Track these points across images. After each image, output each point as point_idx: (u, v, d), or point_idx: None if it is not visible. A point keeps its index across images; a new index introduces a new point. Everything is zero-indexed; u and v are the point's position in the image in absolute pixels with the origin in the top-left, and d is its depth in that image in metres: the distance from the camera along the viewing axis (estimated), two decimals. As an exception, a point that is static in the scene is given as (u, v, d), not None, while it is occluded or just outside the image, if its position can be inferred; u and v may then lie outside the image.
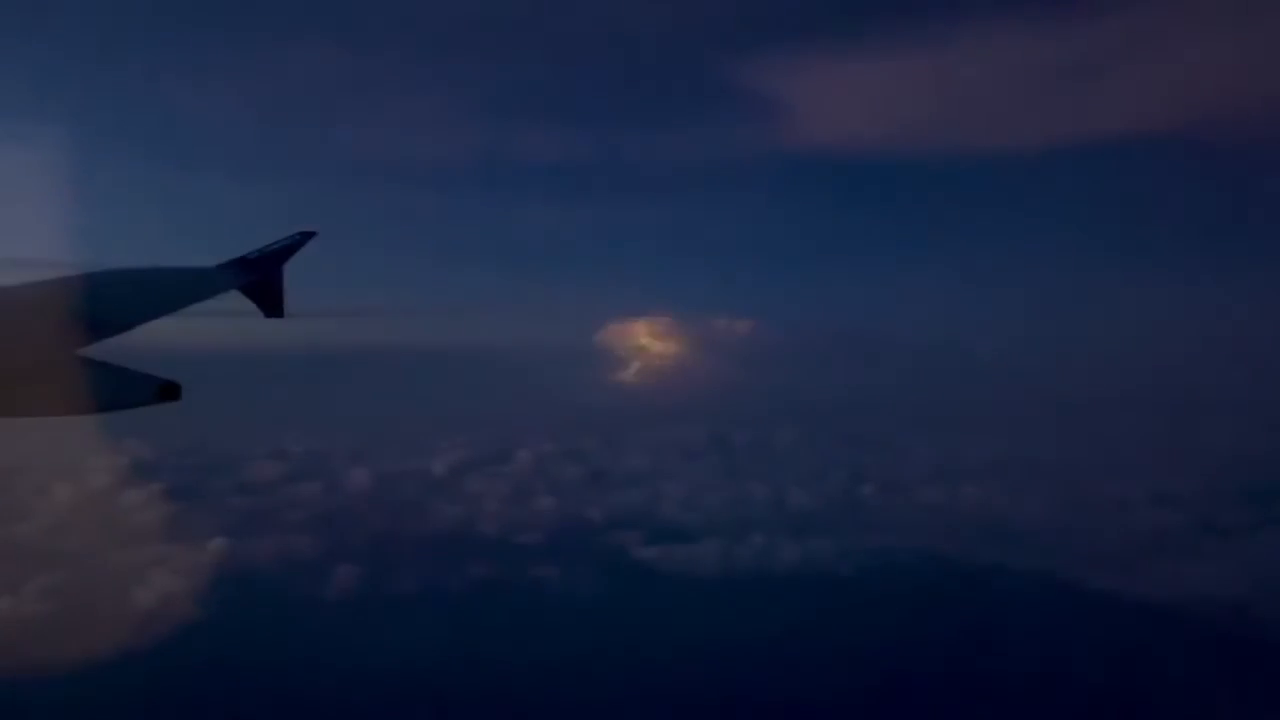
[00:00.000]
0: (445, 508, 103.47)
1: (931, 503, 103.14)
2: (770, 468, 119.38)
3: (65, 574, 78.03)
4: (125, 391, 5.77)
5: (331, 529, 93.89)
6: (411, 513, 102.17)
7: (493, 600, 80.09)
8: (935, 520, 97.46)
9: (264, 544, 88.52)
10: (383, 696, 64.24)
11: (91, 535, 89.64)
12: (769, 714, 64.59)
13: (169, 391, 5.72)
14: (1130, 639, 69.71)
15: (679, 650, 71.63)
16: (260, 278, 13.04)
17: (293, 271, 13.74)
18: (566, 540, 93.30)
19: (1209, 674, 63.88)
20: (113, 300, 9.25)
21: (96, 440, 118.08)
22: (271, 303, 13.26)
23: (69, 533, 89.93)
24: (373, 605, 78.03)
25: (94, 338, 7.20)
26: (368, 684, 65.47)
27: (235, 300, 12.18)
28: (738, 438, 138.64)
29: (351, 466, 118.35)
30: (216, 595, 76.73)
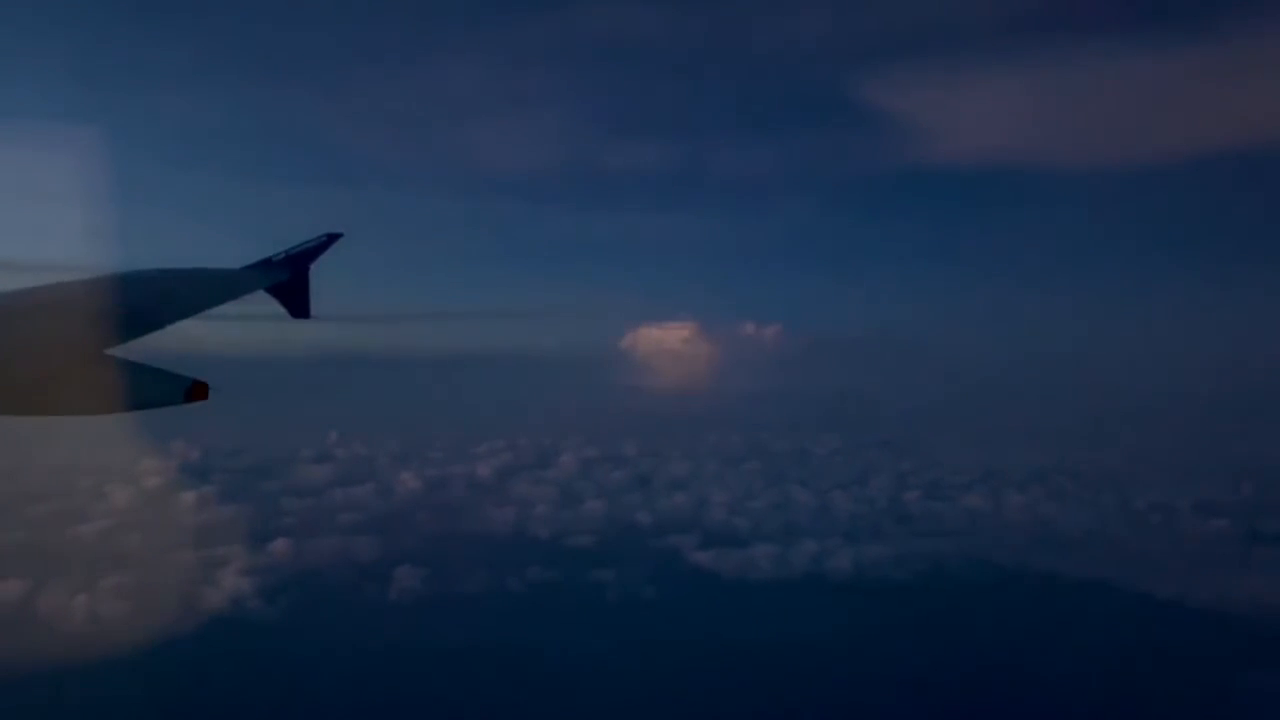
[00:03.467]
0: (496, 510, 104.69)
1: (977, 510, 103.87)
2: (811, 473, 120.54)
3: (135, 574, 79.49)
4: (155, 391, 5.82)
5: (388, 531, 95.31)
6: (463, 515, 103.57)
7: (554, 601, 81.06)
8: (983, 527, 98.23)
9: (324, 545, 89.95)
10: (456, 695, 65.46)
11: (153, 536, 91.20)
12: (832, 717, 65.50)
13: (198, 391, 5.76)
14: (1191, 646, 70.37)
15: (741, 652, 72.51)
16: (287, 279, 13.10)
17: (321, 273, 13.79)
18: (619, 543, 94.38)
19: (1273, 681, 64.59)
20: (141, 301, 9.27)
21: (142, 442, 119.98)
22: (298, 304, 13.34)
23: (131, 533, 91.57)
24: (437, 606, 79.13)
25: (123, 338, 7.27)
26: (440, 682, 66.67)
27: (262, 301, 12.31)
28: (775, 443, 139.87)
29: (398, 469, 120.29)
30: (285, 595, 78.12)
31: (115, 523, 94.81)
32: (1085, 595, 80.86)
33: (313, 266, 13.75)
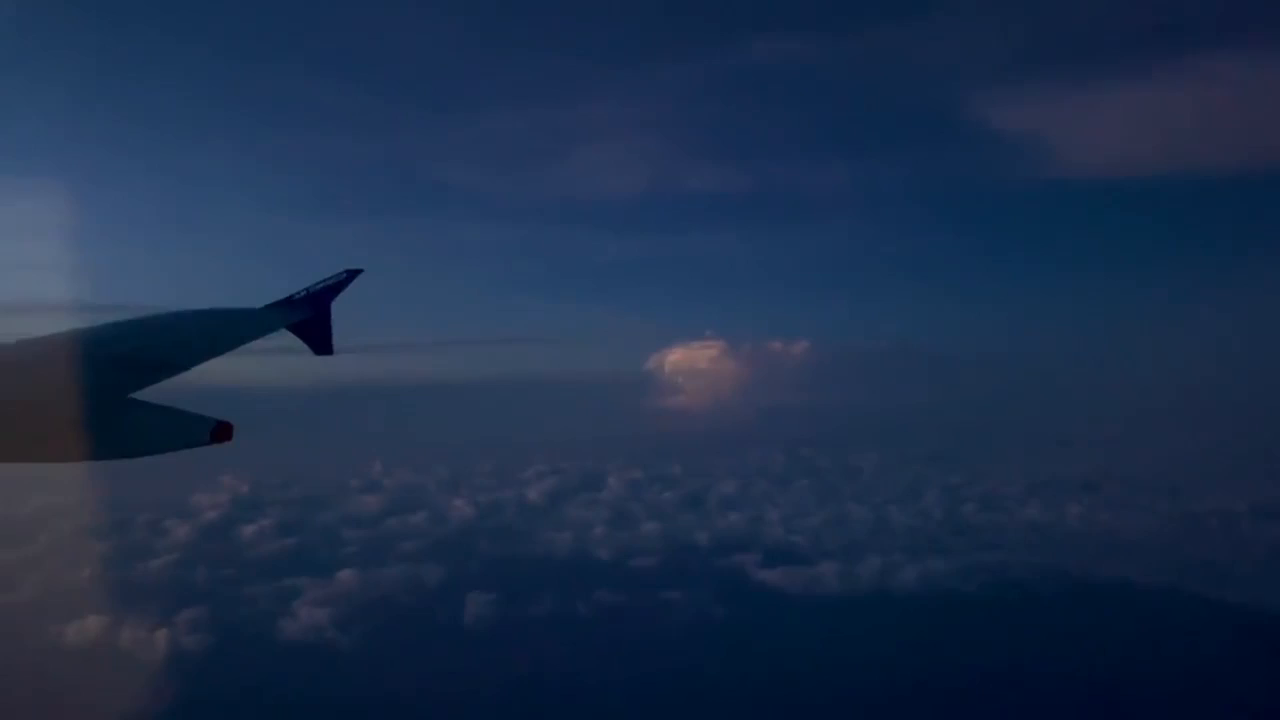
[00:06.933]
0: (553, 534, 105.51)
1: (1036, 520, 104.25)
2: (862, 489, 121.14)
3: (210, 607, 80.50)
4: (179, 433, 5.77)
5: (450, 557, 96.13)
6: (521, 539, 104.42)
7: (626, 624, 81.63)
8: (1045, 537, 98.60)
9: (390, 574, 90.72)
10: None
11: (220, 569, 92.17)
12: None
13: (222, 432, 5.69)
14: (1275, 652, 70.64)
15: (822, 668, 73.00)
16: (308, 316, 13.14)
17: (348, 303, 13.71)
18: (682, 564, 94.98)
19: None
20: (164, 343, 9.26)
21: (191, 477, 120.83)
22: (320, 341, 13.31)
23: (198, 567, 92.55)
24: (512, 630, 79.76)
25: (146, 381, 7.23)
26: (527, 706, 67.40)
27: (284, 339, 12.32)
28: (819, 460, 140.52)
29: (449, 496, 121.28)
30: (360, 625, 78.92)
31: (180, 557, 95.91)
32: (1158, 602, 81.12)
33: (335, 301, 13.73)
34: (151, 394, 6.85)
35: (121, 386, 6.81)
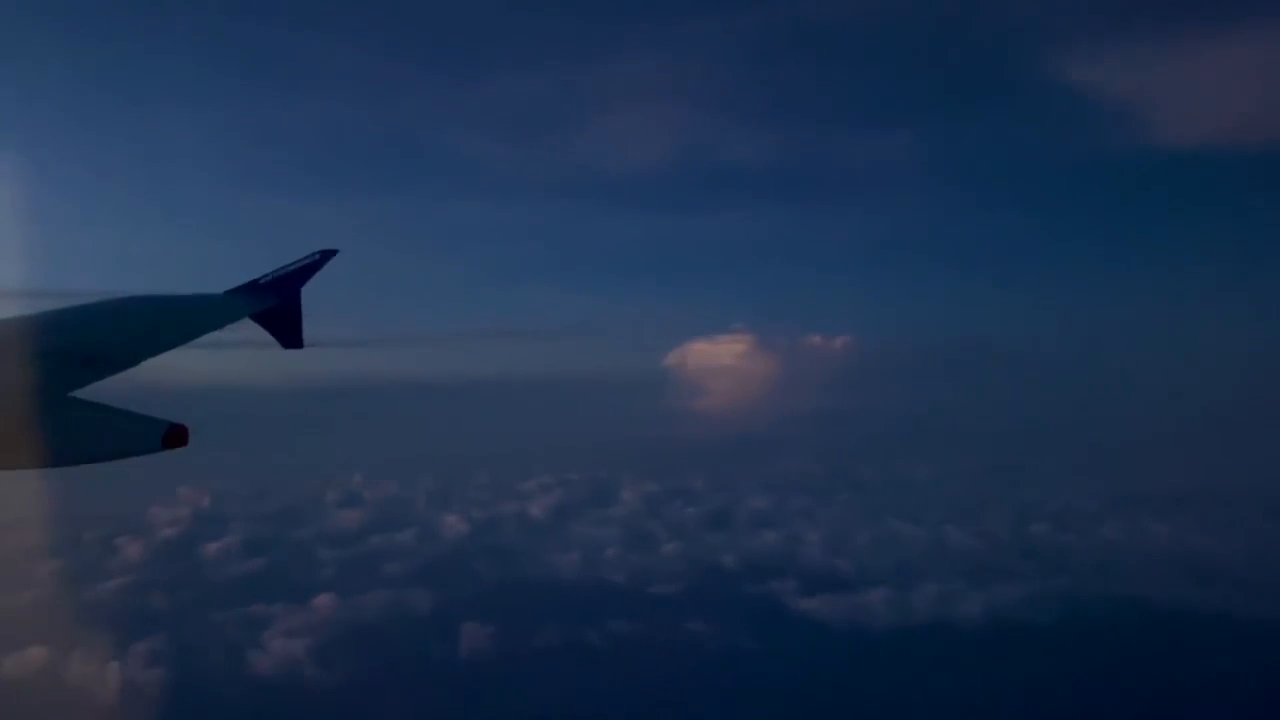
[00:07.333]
0: (559, 555, 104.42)
1: (1117, 541, 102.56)
2: (914, 504, 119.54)
3: (169, 637, 79.61)
4: (127, 438, 5.64)
5: (441, 581, 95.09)
6: (523, 561, 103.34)
7: (644, 659, 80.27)
8: (1126, 562, 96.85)
9: (374, 600, 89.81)
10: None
11: (180, 593, 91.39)
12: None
13: (177, 436, 5.57)
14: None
15: (865, 713, 71.66)
16: (276, 304, 12.81)
17: (324, 291, 13.48)
18: (709, 590, 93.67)
19: None
20: (110, 334, 9.17)
21: (146, 488, 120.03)
22: (289, 332, 13.01)
23: (154, 591, 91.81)
24: (513, 666, 78.55)
25: (89, 377, 7.09)
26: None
27: (248, 330, 12.08)
28: (863, 471, 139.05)
29: (440, 511, 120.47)
30: (342, 658, 77.79)
31: (134, 579, 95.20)
32: (1262, 637, 79.12)
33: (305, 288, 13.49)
34: (95, 392, 6.72)
35: (60, 383, 6.71)
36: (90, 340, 8.64)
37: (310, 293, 13.42)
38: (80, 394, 6.48)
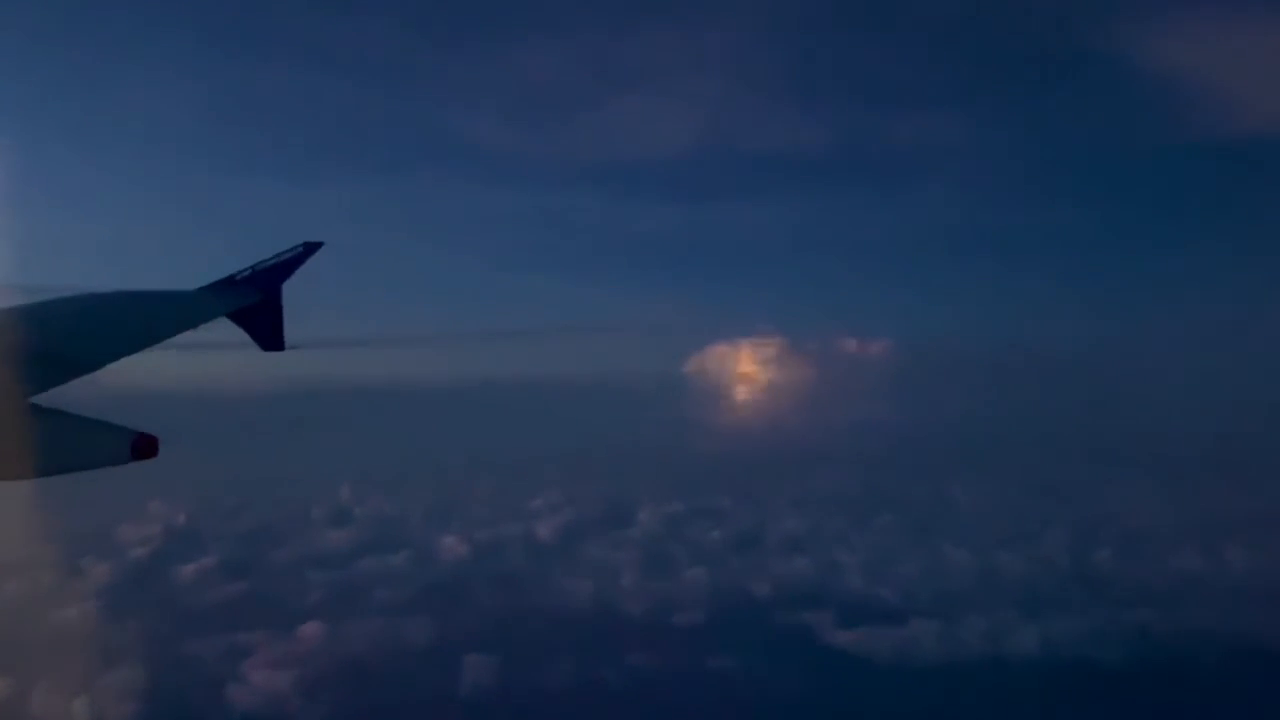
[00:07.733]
0: (570, 581, 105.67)
1: (1191, 570, 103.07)
2: (964, 527, 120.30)
3: (141, 668, 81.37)
4: (94, 448, 5.76)
5: (439, 609, 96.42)
6: (530, 588, 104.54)
7: (664, 697, 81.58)
8: (1201, 593, 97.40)
9: (366, 629, 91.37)
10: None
11: (153, 620, 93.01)
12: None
13: (146, 447, 5.68)
14: None
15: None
16: (255, 301, 13.04)
17: (302, 292, 13.68)
18: (735, 622, 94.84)
19: None
20: (73, 334, 9.27)
21: (114, 503, 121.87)
22: (269, 332, 13.28)
23: (125, 618, 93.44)
24: (519, 703, 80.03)
25: (50, 381, 7.15)
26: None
27: (225, 330, 12.26)
28: (907, 489, 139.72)
29: (438, 531, 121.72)
30: (330, 693, 79.47)
31: (102, 604, 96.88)
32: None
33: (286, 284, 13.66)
34: (56, 398, 6.70)
35: (17, 388, 6.58)
36: (51, 341, 8.67)
37: (293, 289, 13.57)
38: (40, 400, 6.47)
